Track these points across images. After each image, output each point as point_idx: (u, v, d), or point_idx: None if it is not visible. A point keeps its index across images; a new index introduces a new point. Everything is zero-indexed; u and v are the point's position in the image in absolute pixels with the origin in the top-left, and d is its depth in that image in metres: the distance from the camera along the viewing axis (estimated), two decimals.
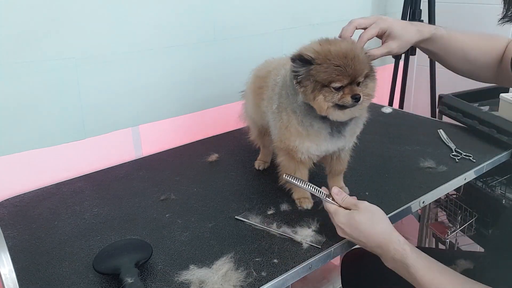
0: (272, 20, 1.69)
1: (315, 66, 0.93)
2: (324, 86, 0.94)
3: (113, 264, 0.88)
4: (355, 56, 0.93)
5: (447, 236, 1.75)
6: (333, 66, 0.92)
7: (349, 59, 0.92)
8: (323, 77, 0.93)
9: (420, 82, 2.34)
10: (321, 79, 0.93)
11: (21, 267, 0.92)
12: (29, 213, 1.14)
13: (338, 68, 0.92)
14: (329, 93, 0.94)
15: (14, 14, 1.15)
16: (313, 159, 1.09)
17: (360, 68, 0.94)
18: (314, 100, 0.95)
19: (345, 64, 0.92)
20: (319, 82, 0.94)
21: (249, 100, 1.27)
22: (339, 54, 0.93)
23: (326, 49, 0.94)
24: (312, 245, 0.96)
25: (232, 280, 0.85)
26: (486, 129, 1.46)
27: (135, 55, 1.40)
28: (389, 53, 1.06)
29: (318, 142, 1.04)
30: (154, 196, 1.20)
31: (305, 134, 1.03)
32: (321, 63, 0.93)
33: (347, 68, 0.92)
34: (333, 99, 0.94)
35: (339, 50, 0.93)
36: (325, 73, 0.93)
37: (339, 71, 0.92)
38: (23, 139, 1.25)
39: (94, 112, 1.36)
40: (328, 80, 0.93)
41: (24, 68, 1.20)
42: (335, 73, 0.92)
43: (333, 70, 0.92)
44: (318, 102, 0.95)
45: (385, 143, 1.48)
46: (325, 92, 0.94)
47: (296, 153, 1.06)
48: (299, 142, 1.04)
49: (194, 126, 1.62)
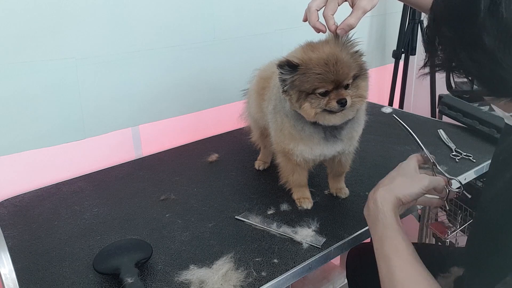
0: (272, 20, 1.69)
1: (298, 76, 0.93)
2: (309, 94, 0.93)
3: (113, 264, 0.88)
4: (338, 60, 0.91)
5: (447, 236, 1.75)
6: (314, 75, 0.91)
7: (331, 65, 0.91)
8: (306, 86, 0.93)
9: (420, 82, 2.34)
10: (305, 88, 0.93)
11: (21, 267, 0.92)
12: (29, 213, 1.14)
13: (320, 76, 0.91)
14: (315, 99, 0.94)
15: (14, 14, 1.15)
16: (309, 162, 1.09)
17: (344, 71, 0.92)
18: (301, 108, 0.95)
19: (326, 71, 0.91)
20: (303, 92, 0.93)
21: (252, 101, 1.27)
22: (320, 62, 0.91)
23: (308, 57, 0.93)
24: (312, 245, 0.96)
25: (232, 280, 0.85)
26: (486, 129, 1.46)
27: (135, 55, 1.40)
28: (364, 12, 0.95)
29: (311, 146, 1.03)
30: (154, 196, 1.20)
31: (298, 137, 1.03)
32: (303, 72, 0.92)
33: (329, 75, 0.91)
34: (320, 105, 0.94)
35: (320, 58, 0.92)
36: (307, 83, 0.92)
37: (320, 79, 0.91)
38: (23, 139, 1.25)
39: (94, 112, 1.36)
40: (311, 89, 0.93)
41: (24, 68, 1.20)
42: (317, 81, 0.91)
43: (314, 79, 0.91)
44: (305, 110, 0.95)
45: (385, 143, 1.48)
46: (310, 99, 0.94)
47: (292, 156, 1.06)
48: (293, 145, 1.04)
49: (194, 126, 1.62)
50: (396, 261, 0.76)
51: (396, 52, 2.11)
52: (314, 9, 0.96)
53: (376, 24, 2.18)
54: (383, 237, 0.80)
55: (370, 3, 0.94)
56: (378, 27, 2.20)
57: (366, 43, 2.18)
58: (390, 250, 0.78)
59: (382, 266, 0.78)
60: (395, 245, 0.78)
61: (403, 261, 0.76)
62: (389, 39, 2.24)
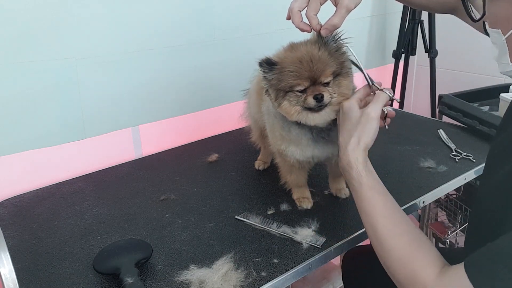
0: (272, 20, 1.69)
1: (276, 75, 0.94)
2: (287, 92, 0.94)
3: (113, 264, 0.88)
4: (313, 58, 0.92)
5: (447, 236, 1.75)
6: (289, 72, 0.92)
7: (304, 62, 0.92)
8: (282, 84, 0.93)
9: (420, 82, 2.34)
10: (282, 86, 0.94)
11: (21, 267, 0.92)
12: (29, 213, 1.14)
13: (294, 73, 0.92)
14: (293, 97, 0.94)
15: (14, 14, 1.15)
16: (304, 164, 1.09)
17: (320, 68, 0.92)
18: (280, 106, 0.96)
19: (300, 68, 0.92)
20: (280, 90, 0.94)
21: (251, 101, 1.27)
22: (293, 60, 0.93)
23: (284, 56, 0.95)
24: (312, 245, 0.96)
25: (232, 280, 0.85)
26: (486, 129, 1.46)
27: (135, 55, 1.40)
28: (347, 11, 0.93)
29: (301, 147, 1.03)
30: (154, 196, 1.20)
31: (287, 139, 1.03)
32: (280, 71, 0.93)
33: (302, 72, 0.92)
34: (298, 102, 0.94)
35: (294, 56, 0.93)
36: (283, 81, 0.93)
37: (295, 76, 0.92)
38: (23, 139, 1.25)
39: (94, 112, 1.36)
40: (288, 86, 0.93)
41: (24, 68, 1.20)
42: (291, 78, 0.92)
43: (289, 76, 0.92)
44: (284, 108, 0.95)
45: (385, 143, 1.48)
46: (289, 97, 0.94)
47: (286, 157, 1.07)
48: (285, 147, 1.04)
49: (194, 126, 1.62)
50: (377, 218, 0.81)
51: (396, 52, 2.11)
52: (297, 10, 0.96)
53: (376, 24, 2.18)
54: (361, 196, 0.84)
55: (353, 1, 0.93)
56: (378, 27, 2.20)
57: (366, 43, 2.18)
58: (369, 208, 0.82)
59: (365, 222, 0.83)
60: (373, 203, 0.82)
61: (383, 218, 0.80)
62: (389, 39, 2.24)
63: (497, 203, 0.71)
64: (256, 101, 1.22)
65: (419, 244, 0.76)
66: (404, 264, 0.74)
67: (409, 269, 0.73)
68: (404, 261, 0.74)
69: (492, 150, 0.84)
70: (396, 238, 0.78)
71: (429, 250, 0.75)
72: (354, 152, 0.86)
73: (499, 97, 1.54)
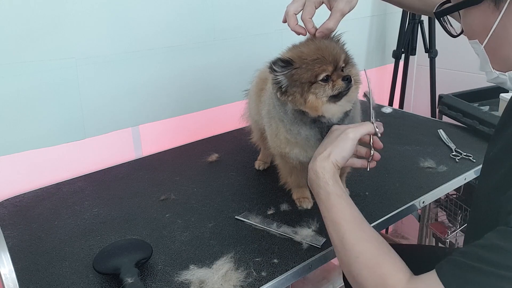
0: (272, 20, 1.69)
1: (296, 70, 0.93)
2: (312, 83, 0.94)
3: (113, 264, 0.88)
4: (327, 46, 0.94)
5: (447, 236, 1.75)
6: (312, 61, 0.93)
7: (323, 49, 0.93)
8: (308, 75, 0.93)
9: (420, 82, 2.34)
10: (307, 77, 0.93)
11: (21, 267, 0.92)
12: (29, 213, 1.14)
13: (318, 60, 0.92)
14: (319, 89, 0.93)
15: (14, 14, 1.15)
16: (305, 164, 1.08)
17: (337, 52, 0.94)
18: (306, 102, 0.94)
19: (322, 55, 0.93)
20: (305, 82, 0.93)
21: (252, 101, 1.27)
22: (312, 50, 0.94)
23: (298, 51, 0.95)
24: (312, 245, 0.96)
25: (232, 280, 0.85)
26: (486, 129, 1.46)
27: (135, 55, 1.40)
28: (342, 14, 0.95)
29: (307, 149, 1.03)
30: (154, 196, 1.20)
31: (294, 142, 1.03)
32: (299, 66, 0.93)
33: (326, 57, 0.93)
34: (325, 92, 0.94)
35: (310, 48, 0.94)
36: (308, 71, 0.93)
37: (319, 62, 0.92)
38: (23, 139, 1.25)
39: (94, 112, 1.36)
40: (314, 75, 0.93)
41: (24, 68, 1.20)
42: (317, 66, 0.92)
43: (314, 64, 0.92)
44: (311, 103, 0.94)
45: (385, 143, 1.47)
46: (314, 90, 0.93)
47: (288, 159, 1.07)
48: (289, 149, 1.04)
49: (194, 126, 1.62)
50: (344, 225, 0.80)
51: (396, 52, 2.11)
52: (292, 13, 0.97)
53: (376, 24, 2.18)
54: (328, 205, 0.83)
55: (348, 5, 0.95)
56: (378, 27, 2.20)
57: (366, 43, 2.18)
58: (336, 216, 0.81)
59: (331, 231, 0.82)
60: (341, 211, 0.82)
61: (351, 224, 0.80)
62: (389, 39, 2.24)
63: (494, 204, 0.71)
64: (256, 102, 1.22)
65: (388, 249, 0.75)
66: (373, 269, 0.73)
67: (378, 275, 0.72)
68: (373, 267, 0.73)
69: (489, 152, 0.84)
70: (364, 244, 0.76)
71: (397, 257, 0.74)
72: (323, 162, 0.87)
73: (499, 97, 1.54)
